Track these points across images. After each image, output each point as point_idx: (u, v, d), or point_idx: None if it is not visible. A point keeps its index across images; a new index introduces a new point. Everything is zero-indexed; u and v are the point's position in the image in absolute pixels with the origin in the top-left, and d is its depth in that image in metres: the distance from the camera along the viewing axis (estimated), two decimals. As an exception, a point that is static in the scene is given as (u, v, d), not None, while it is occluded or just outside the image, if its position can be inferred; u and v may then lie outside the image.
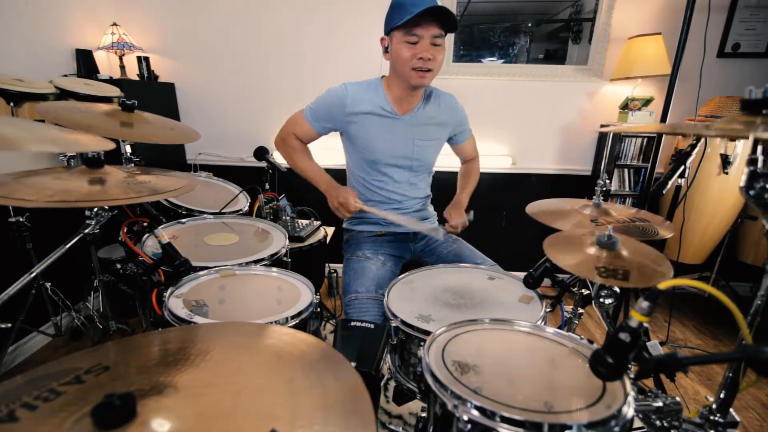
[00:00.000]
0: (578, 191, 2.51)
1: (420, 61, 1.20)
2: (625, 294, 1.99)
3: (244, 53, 2.44)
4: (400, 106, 1.34)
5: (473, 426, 0.57)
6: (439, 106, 1.40)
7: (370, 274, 1.27)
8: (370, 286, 1.22)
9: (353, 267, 1.32)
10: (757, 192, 0.55)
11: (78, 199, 0.76)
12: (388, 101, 1.33)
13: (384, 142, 1.35)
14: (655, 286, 0.50)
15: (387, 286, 1.04)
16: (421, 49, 1.20)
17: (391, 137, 1.35)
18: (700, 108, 2.17)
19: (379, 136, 1.34)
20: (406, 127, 1.35)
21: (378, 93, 1.33)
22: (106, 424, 0.39)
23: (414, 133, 1.36)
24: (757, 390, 1.75)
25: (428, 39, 1.19)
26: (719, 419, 0.64)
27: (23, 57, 1.87)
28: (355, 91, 1.32)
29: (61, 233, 1.03)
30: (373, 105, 1.32)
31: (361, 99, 1.31)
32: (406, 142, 1.36)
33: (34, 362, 1.87)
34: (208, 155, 2.61)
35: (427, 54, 1.20)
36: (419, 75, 1.22)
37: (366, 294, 1.19)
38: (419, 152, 1.39)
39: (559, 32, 2.56)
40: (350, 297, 1.20)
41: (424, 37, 1.19)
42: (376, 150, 1.36)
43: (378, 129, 1.34)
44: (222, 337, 0.60)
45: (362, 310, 1.15)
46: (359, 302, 1.17)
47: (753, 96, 0.54)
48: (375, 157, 1.37)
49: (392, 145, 1.35)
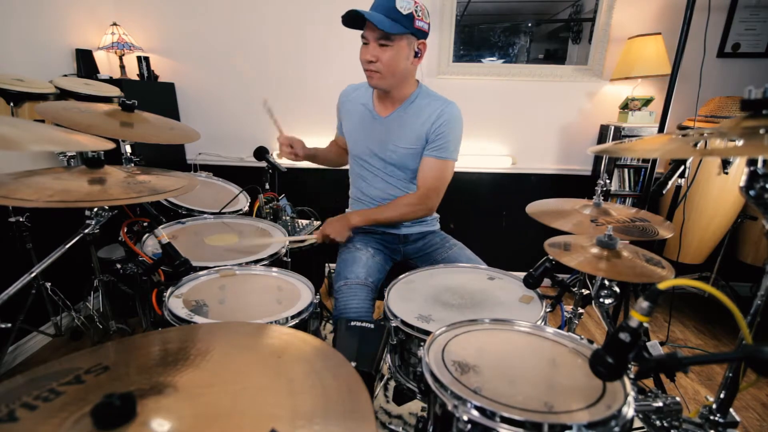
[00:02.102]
0: (578, 191, 2.51)
1: (365, 63, 1.23)
2: (625, 294, 2.00)
3: (244, 53, 2.44)
4: (380, 106, 1.38)
5: (473, 426, 0.57)
6: (420, 113, 1.31)
7: (360, 262, 1.29)
8: (359, 272, 1.24)
9: (344, 257, 1.34)
10: (757, 192, 0.55)
11: (78, 199, 0.76)
12: (372, 100, 1.39)
13: (361, 136, 1.41)
14: (655, 286, 0.50)
15: (376, 276, 1.05)
16: (364, 51, 1.23)
17: (368, 134, 1.39)
18: (700, 108, 2.17)
19: (357, 137, 1.42)
20: (383, 129, 1.36)
21: (367, 92, 1.41)
22: (106, 424, 0.39)
23: (389, 137, 1.35)
24: (757, 390, 1.75)
25: (373, 41, 1.20)
26: (719, 419, 0.64)
27: (23, 57, 1.87)
28: (351, 90, 1.46)
29: (61, 233, 1.03)
30: (359, 102, 1.42)
31: (352, 96, 1.44)
32: (381, 143, 1.37)
33: (34, 362, 1.86)
34: (208, 155, 2.61)
35: (368, 56, 1.21)
36: (368, 75, 1.26)
37: (355, 280, 1.21)
38: (395, 157, 1.35)
39: (559, 32, 2.56)
40: (340, 284, 1.23)
41: (370, 39, 1.21)
42: (354, 148, 1.44)
43: (357, 122, 1.41)
44: (222, 337, 0.60)
45: (350, 294, 1.17)
46: (348, 288, 1.19)
47: (753, 96, 0.54)
48: (355, 152, 1.44)
49: (369, 141, 1.39)
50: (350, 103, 1.44)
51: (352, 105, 1.43)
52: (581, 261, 0.87)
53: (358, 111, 1.41)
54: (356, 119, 1.42)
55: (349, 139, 1.46)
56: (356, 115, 1.42)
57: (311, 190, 2.55)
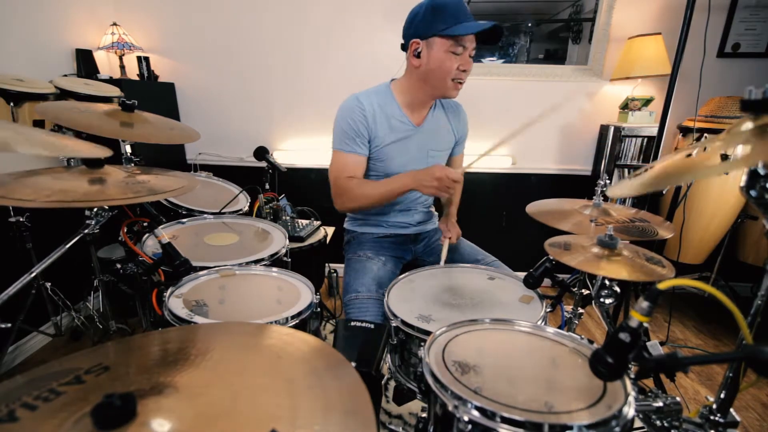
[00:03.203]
0: (578, 191, 2.51)
1: (462, 73, 1.18)
2: (626, 294, 1.99)
3: (244, 53, 2.44)
4: (413, 113, 1.32)
5: (473, 426, 0.57)
6: (447, 110, 1.40)
7: (371, 273, 1.26)
8: (370, 285, 1.21)
9: (354, 267, 1.31)
10: (757, 192, 0.55)
11: (75, 199, 0.76)
12: (402, 110, 1.29)
13: (400, 161, 1.32)
14: (655, 286, 0.50)
15: (387, 286, 1.04)
16: (464, 61, 1.16)
17: (408, 156, 1.32)
18: (700, 108, 2.17)
19: (395, 155, 1.31)
20: (422, 139, 1.33)
21: (390, 102, 1.29)
22: (106, 424, 0.39)
23: (428, 143, 1.35)
24: (757, 390, 1.75)
25: (470, 50, 1.17)
26: (719, 419, 0.64)
27: (23, 57, 1.87)
28: (370, 103, 1.25)
29: (61, 233, 1.03)
30: (389, 118, 1.27)
31: (377, 110, 1.26)
32: (420, 154, 1.34)
33: (34, 362, 1.86)
34: (208, 155, 2.61)
35: (469, 66, 1.18)
36: (456, 87, 1.21)
37: (366, 293, 1.18)
38: (432, 163, 1.34)
39: (559, 32, 2.56)
40: (350, 297, 1.19)
41: (468, 49, 1.16)
42: (390, 166, 1.32)
43: (394, 149, 1.30)
44: (222, 337, 0.60)
45: (362, 309, 1.14)
46: (359, 302, 1.16)
47: (753, 96, 0.54)
48: (388, 171, 1.32)
49: (406, 160, 1.32)
50: (383, 117, 1.27)
51: (387, 120, 1.27)
52: (581, 261, 0.87)
53: (393, 126, 1.28)
54: (392, 147, 1.29)
55: (383, 164, 1.31)
56: (391, 143, 1.29)
57: (311, 190, 2.54)
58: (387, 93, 1.30)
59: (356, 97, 1.27)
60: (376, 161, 1.32)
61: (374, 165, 1.33)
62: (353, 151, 1.26)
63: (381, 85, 1.33)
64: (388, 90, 1.31)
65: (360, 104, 1.25)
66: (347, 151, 1.26)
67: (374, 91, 1.31)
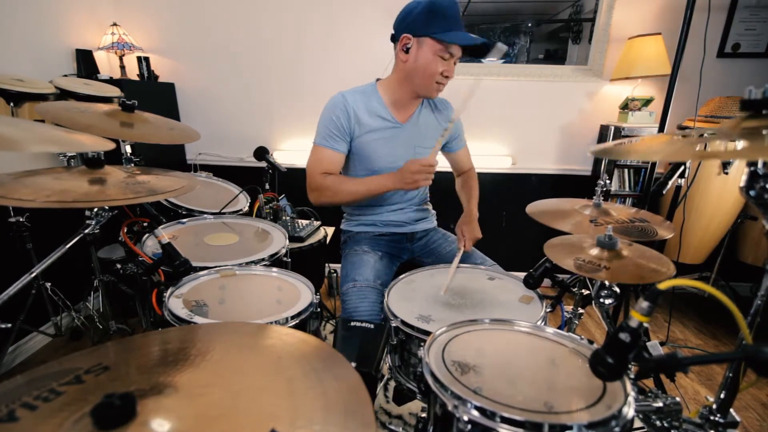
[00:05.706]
0: (578, 191, 2.51)
1: (445, 79, 1.23)
2: (625, 294, 1.99)
3: (244, 53, 2.44)
4: (399, 111, 1.34)
5: (473, 426, 0.57)
6: (435, 109, 1.41)
7: (368, 265, 1.27)
8: (368, 275, 1.22)
9: (351, 260, 1.32)
10: (757, 192, 0.55)
11: (77, 199, 0.76)
12: (387, 108, 1.32)
13: (386, 156, 1.33)
14: (655, 286, 0.50)
15: (384, 278, 1.04)
16: (449, 67, 1.22)
17: (393, 150, 1.33)
18: (700, 108, 2.17)
19: (380, 152, 1.32)
20: (407, 135, 1.35)
21: (375, 100, 1.31)
22: (106, 424, 0.39)
23: (414, 140, 1.36)
24: (757, 390, 1.75)
25: (456, 59, 1.22)
26: (719, 419, 0.64)
27: (23, 57, 1.87)
28: (354, 100, 1.28)
29: (61, 233, 1.03)
30: (372, 115, 1.30)
31: (360, 107, 1.28)
32: (406, 150, 1.35)
33: (34, 362, 1.86)
34: (208, 155, 2.61)
35: (452, 74, 1.23)
36: (438, 89, 1.25)
37: (364, 282, 1.19)
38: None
39: (559, 32, 2.56)
40: (348, 286, 1.20)
41: (455, 56, 1.21)
42: (377, 163, 1.33)
43: (380, 145, 1.32)
44: (222, 337, 0.60)
45: (360, 297, 1.15)
46: (357, 290, 1.17)
47: (753, 96, 0.54)
48: (376, 168, 1.34)
49: (393, 157, 1.33)
50: (363, 116, 1.29)
51: (368, 120, 1.29)
52: (581, 261, 0.87)
53: (376, 129, 1.31)
54: (377, 140, 1.31)
55: (369, 159, 1.33)
56: (375, 135, 1.31)
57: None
58: (373, 92, 1.33)
59: (342, 94, 1.30)
60: (362, 156, 1.33)
61: (360, 160, 1.34)
62: (331, 147, 1.29)
63: (367, 85, 1.36)
64: (373, 89, 1.34)
65: (345, 100, 1.28)
66: (325, 146, 1.29)
67: (360, 89, 1.33)
